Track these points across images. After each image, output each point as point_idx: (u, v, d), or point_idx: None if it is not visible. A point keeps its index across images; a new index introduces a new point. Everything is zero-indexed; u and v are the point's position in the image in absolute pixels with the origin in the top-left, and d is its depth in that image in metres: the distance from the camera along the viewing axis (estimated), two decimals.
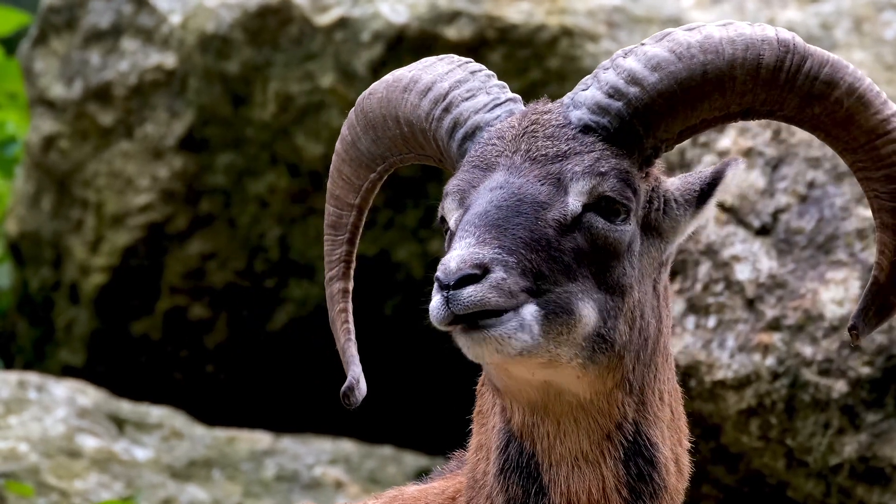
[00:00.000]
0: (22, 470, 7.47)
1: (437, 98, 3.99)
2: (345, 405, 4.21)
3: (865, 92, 3.77)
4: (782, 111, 3.80)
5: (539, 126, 3.86)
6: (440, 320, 3.65)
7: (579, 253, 3.74)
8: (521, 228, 3.70)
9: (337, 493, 7.94)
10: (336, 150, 4.17)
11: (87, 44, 8.85)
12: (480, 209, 3.71)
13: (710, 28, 3.80)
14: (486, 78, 4.03)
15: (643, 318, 3.83)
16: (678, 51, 3.78)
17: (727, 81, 3.77)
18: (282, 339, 8.80)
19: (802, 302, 6.21)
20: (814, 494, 6.20)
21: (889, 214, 3.79)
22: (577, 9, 8.13)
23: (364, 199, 4.19)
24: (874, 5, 7.48)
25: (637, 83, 3.79)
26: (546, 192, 3.76)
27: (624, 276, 3.78)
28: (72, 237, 8.95)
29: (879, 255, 3.82)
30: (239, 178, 8.61)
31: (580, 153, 3.80)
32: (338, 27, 8.28)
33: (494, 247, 3.65)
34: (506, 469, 3.85)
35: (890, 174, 3.78)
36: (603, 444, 3.81)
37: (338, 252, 4.26)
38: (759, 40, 3.77)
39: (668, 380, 3.92)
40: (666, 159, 6.68)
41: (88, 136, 8.84)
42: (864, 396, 6.10)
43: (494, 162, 3.83)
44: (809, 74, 3.76)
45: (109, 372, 8.96)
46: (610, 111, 3.81)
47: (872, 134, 3.78)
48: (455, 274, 3.61)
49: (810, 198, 6.36)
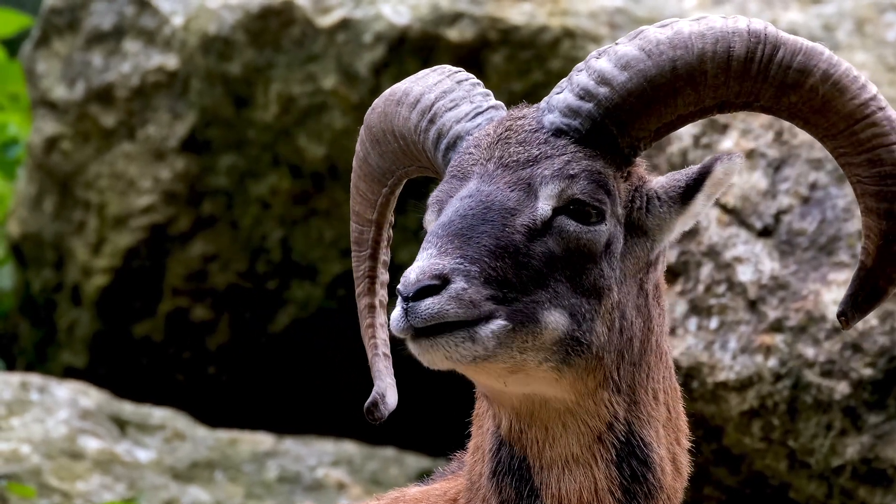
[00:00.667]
0: (24, 471, 7.47)
1: (424, 110, 3.99)
2: (369, 420, 4.22)
3: (841, 78, 3.74)
4: (758, 102, 3.78)
5: (512, 132, 3.85)
6: (399, 331, 3.65)
7: (550, 258, 3.72)
8: (486, 236, 3.68)
9: (339, 495, 7.94)
10: (353, 167, 4.20)
11: (89, 45, 8.85)
12: (445, 219, 3.71)
13: (681, 24, 3.79)
14: (471, 87, 4.01)
15: (625, 318, 3.80)
16: (647, 48, 3.77)
17: (698, 76, 3.75)
18: (284, 341, 8.80)
19: (804, 303, 6.21)
20: (816, 496, 6.20)
21: (873, 198, 3.77)
22: (579, 10, 8.13)
23: (381, 215, 4.21)
24: (876, 7, 7.48)
25: (607, 83, 3.77)
26: (515, 198, 3.74)
27: (601, 278, 3.76)
28: (74, 239, 8.96)
29: (865, 240, 3.80)
30: (241, 179, 8.61)
31: (551, 157, 3.79)
32: (340, 29, 8.28)
33: (456, 256, 3.63)
34: (498, 472, 3.85)
35: (871, 158, 3.76)
36: (594, 447, 3.80)
37: (362, 268, 4.27)
38: (730, 32, 3.76)
39: (663, 378, 3.90)
40: (668, 160, 6.68)
41: (90, 138, 8.84)
42: (866, 398, 6.09)
43: (470, 171, 3.82)
44: (782, 64, 3.74)
45: (111, 373, 8.96)
46: (581, 113, 3.80)
47: (851, 119, 3.76)
48: (414, 285, 3.60)
49: (812, 199, 6.35)
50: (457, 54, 8.06)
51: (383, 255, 4.25)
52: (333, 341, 8.69)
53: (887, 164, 3.75)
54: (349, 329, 8.62)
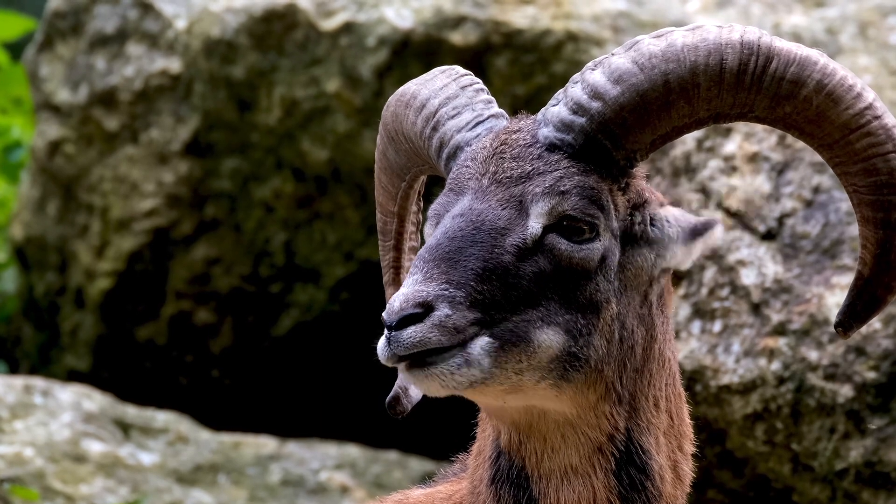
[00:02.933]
0: (27, 474, 7.47)
1: (428, 116, 3.98)
2: (391, 415, 4.21)
3: (835, 88, 3.72)
4: (753, 113, 3.76)
5: (507, 147, 3.83)
6: (385, 359, 3.63)
7: (541, 276, 3.71)
8: (473, 259, 3.66)
9: (342, 498, 7.94)
10: (375, 157, 4.21)
11: (92, 49, 8.86)
12: (434, 242, 3.69)
13: (675, 35, 3.77)
14: (475, 93, 3.99)
15: (625, 328, 3.79)
16: (640, 61, 3.74)
17: (691, 89, 3.73)
18: (287, 344, 8.80)
19: (808, 306, 6.21)
20: (819, 499, 6.19)
21: (869, 208, 3.76)
22: (583, 13, 8.13)
23: (402, 207, 4.21)
24: (879, 10, 7.49)
25: (599, 98, 3.76)
26: (506, 217, 3.73)
27: (597, 293, 3.75)
28: (77, 242, 8.96)
29: (862, 250, 3.79)
30: (244, 182, 8.62)
31: (543, 173, 3.77)
32: (343, 32, 8.29)
33: (441, 282, 3.62)
34: (497, 479, 3.84)
35: (867, 167, 3.74)
36: (593, 458, 3.79)
37: (387, 258, 4.29)
38: (723, 44, 3.73)
39: (665, 385, 3.89)
40: (671, 164, 6.68)
41: (94, 141, 8.85)
42: (869, 401, 6.09)
43: (466, 185, 3.81)
44: (776, 75, 3.72)
45: (115, 377, 8.96)
46: (574, 128, 3.78)
47: (845, 129, 3.74)
48: (397, 314, 3.58)
49: (816, 202, 6.36)
50: (460, 58, 8.06)
51: (408, 244, 4.26)
52: (337, 345, 8.69)
53: (883, 174, 3.73)
54: (352, 332, 8.63)
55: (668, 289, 3.95)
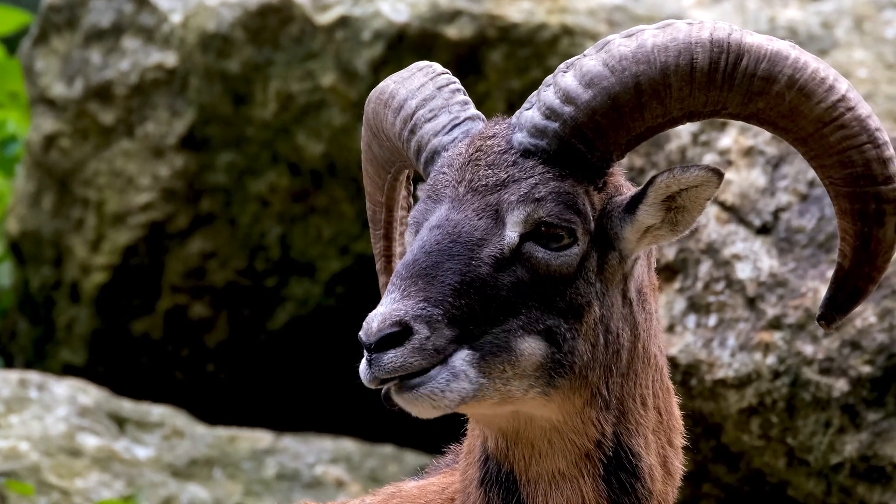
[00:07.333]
0: (23, 469, 7.47)
1: (406, 118, 3.97)
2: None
3: (807, 82, 3.71)
4: (726, 110, 3.75)
5: (482, 154, 3.82)
6: (367, 382, 3.63)
7: (520, 285, 3.70)
8: (451, 273, 3.65)
9: (338, 492, 7.94)
10: (361, 147, 4.21)
11: (87, 43, 8.85)
12: (410, 258, 3.68)
13: (645, 35, 3.75)
14: (451, 94, 3.97)
15: (609, 331, 3.79)
16: (611, 64, 3.73)
17: (663, 90, 3.72)
18: (282, 338, 8.80)
19: (803, 300, 6.21)
20: (815, 493, 6.20)
21: (847, 200, 3.76)
22: (578, 8, 8.12)
23: (389, 197, 4.22)
24: (875, 4, 7.48)
25: (571, 102, 3.74)
26: (483, 227, 3.72)
27: (578, 296, 3.74)
28: (72, 236, 8.96)
29: (842, 242, 3.79)
30: (240, 176, 8.61)
31: (518, 180, 3.76)
32: (338, 26, 8.28)
33: (419, 300, 3.61)
34: (486, 481, 3.85)
35: (842, 160, 3.73)
36: (580, 463, 3.79)
37: (378, 246, 4.30)
38: (693, 43, 3.72)
39: (652, 382, 3.87)
40: (667, 157, 6.68)
41: (89, 135, 8.84)
42: (864, 395, 6.09)
43: (443, 193, 3.80)
44: (747, 72, 3.71)
45: (110, 371, 8.96)
46: (547, 133, 3.77)
47: (819, 123, 3.73)
48: (375, 335, 3.58)
49: (811, 196, 6.36)
50: (455, 52, 8.06)
51: (398, 232, 4.26)
52: (332, 338, 8.69)
53: (859, 166, 3.73)
54: (348, 326, 8.62)
55: (650, 283, 3.94)
